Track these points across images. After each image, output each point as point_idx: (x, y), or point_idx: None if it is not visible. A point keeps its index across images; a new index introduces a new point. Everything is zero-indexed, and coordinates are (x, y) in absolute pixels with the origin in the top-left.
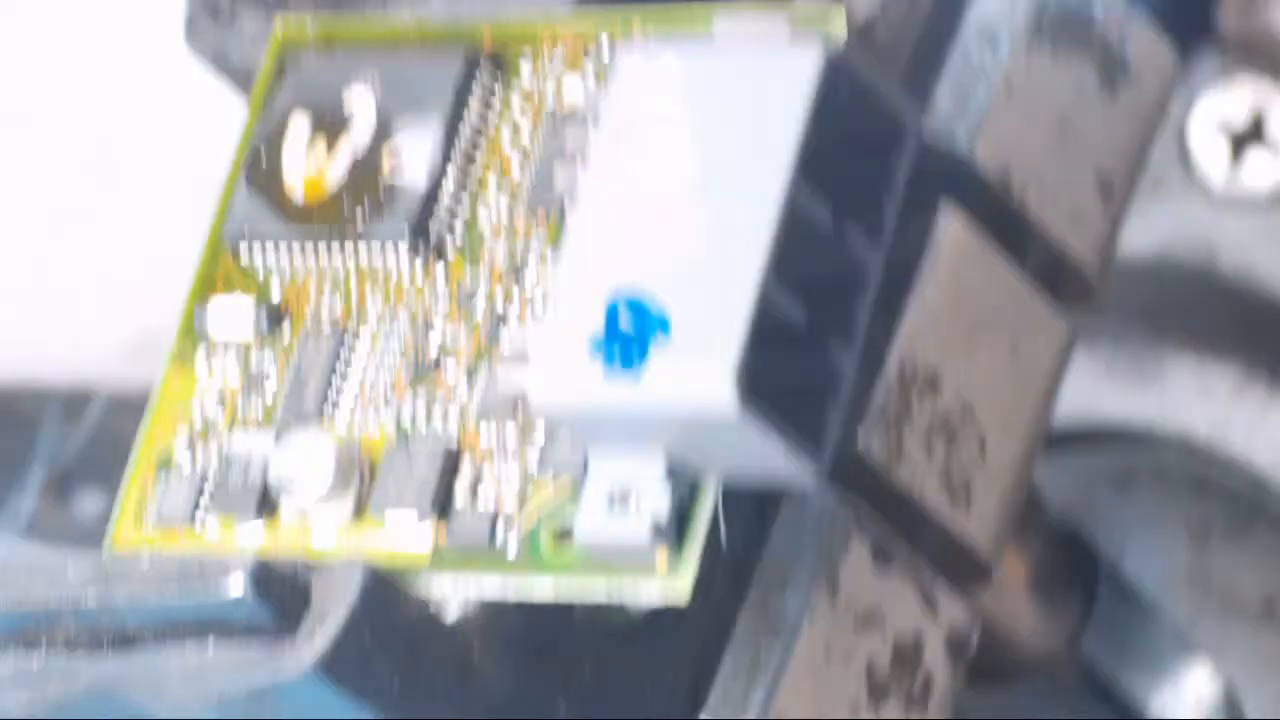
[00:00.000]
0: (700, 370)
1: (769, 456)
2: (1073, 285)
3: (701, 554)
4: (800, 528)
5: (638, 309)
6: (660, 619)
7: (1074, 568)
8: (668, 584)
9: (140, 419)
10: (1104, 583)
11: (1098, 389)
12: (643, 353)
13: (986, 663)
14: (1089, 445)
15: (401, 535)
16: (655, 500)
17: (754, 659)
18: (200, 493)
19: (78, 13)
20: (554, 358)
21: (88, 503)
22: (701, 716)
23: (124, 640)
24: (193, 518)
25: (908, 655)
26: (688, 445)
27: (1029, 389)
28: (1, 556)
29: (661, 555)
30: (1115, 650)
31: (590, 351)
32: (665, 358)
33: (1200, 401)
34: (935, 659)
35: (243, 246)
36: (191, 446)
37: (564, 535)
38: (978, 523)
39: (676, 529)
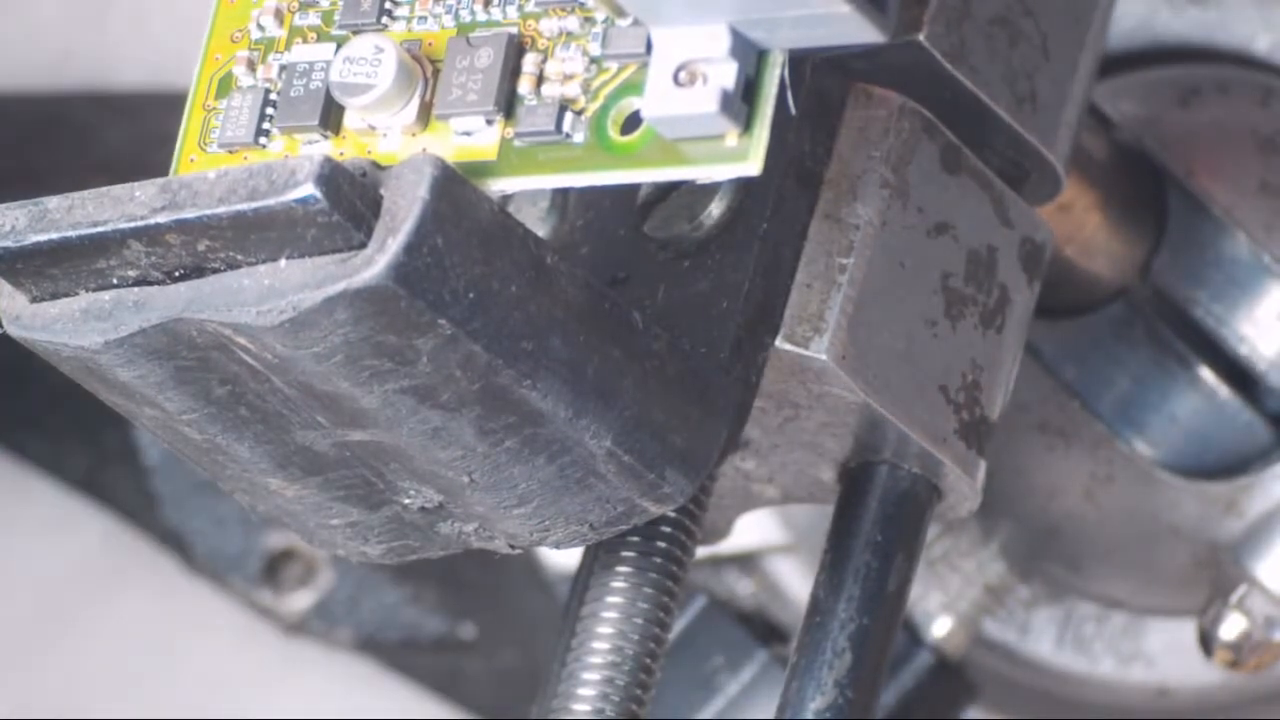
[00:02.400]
0: None
1: (835, 15)
2: None
3: (771, 131)
4: (867, 133)
5: None
6: (731, 233)
7: (1143, 187)
8: (738, 153)
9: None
10: (1173, 202)
11: (1154, 6)
12: None
13: (1061, 297)
14: (1149, 63)
15: (468, 134)
16: (722, 72)
17: (828, 270)
18: (263, 110)
19: None
20: None
21: None
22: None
23: (195, 269)
24: (256, 138)
25: (982, 265)
26: (752, 10)
27: None
28: None
29: (731, 125)
30: (1188, 271)
31: None
32: None
33: (1258, 12)
34: (1009, 272)
35: None
36: (251, 66)
37: (632, 123)
38: (1044, 124)
39: (745, 103)
